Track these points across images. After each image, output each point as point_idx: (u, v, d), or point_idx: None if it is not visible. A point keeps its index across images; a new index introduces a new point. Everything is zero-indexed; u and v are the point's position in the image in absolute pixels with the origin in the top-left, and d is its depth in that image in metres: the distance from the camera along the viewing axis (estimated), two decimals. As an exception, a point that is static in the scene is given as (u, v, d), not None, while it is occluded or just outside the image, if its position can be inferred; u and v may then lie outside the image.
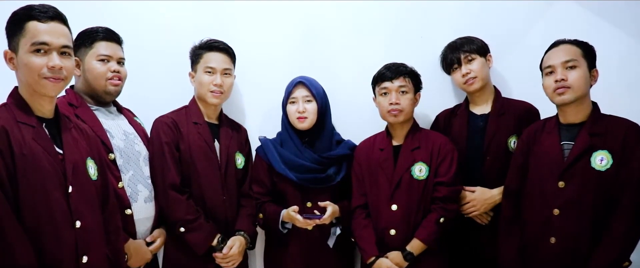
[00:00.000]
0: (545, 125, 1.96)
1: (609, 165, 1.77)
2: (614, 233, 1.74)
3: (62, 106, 1.75)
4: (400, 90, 2.12)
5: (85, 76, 1.95)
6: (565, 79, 1.82)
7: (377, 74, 2.19)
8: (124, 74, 2.01)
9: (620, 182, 1.76)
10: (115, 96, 2.02)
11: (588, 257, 1.77)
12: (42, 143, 1.44)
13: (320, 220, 2.08)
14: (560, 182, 1.82)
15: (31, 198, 1.38)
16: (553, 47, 1.91)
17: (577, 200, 1.79)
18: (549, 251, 1.83)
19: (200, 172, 2.10)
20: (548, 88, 1.88)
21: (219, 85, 2.14)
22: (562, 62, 1.84)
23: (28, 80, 1.45)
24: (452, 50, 2.25)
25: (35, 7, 1.46)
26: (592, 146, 1.79)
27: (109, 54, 1.95)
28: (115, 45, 1.99)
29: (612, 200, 1.77)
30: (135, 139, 2.04)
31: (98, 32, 1.96)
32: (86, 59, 1.94)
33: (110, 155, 1.88)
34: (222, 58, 2.17)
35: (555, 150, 1.86)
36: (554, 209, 1.82)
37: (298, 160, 2.16)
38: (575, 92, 1.82)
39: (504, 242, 1.99)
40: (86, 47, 1.94)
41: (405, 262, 2.06)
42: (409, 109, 2.14)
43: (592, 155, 1.79)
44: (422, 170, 2.10)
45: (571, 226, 1.80)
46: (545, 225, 1.84)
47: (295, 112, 2.17)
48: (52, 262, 1.41)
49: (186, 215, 2.02)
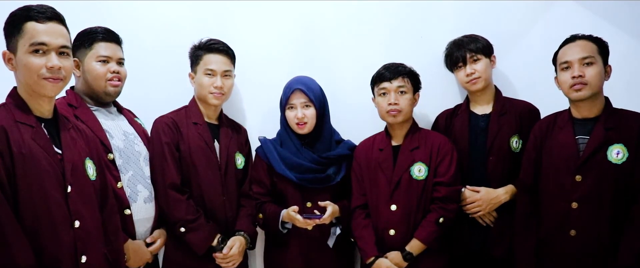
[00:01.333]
0: (557, 119, 1.98)
1: (624, 158, 1.80)
2: (636, 225, 1.77)
3: (62, 107, 1.75)
4: (399, 91, 2.12)
5: (84, 77, 1.94)
6: (583, 75, 1.84)
7: (376, 74, 2.18)
8: (124, 74, 2.01)
9: (637, 175, 1.80)
10: (115, 97, 2.02)
11: (609, 247, 1.80)
12: (41, 143, 1.44)
13: (320, 220, 2.08)
14: (577, 176, 1.85)
15: (30, 198, 1.38)
16: (569, 42, 1.93)
17: (595, 194, 1.82)
18: (569, 244, 1.86)
19: (200, 172, 2.10)
20: (564, 83, 1.90)
21: (220, 87, 2.14)
22: (579, 59, 1.86)
23: (27, 81, 1.45)
24: (457, 47, 2.24)
25: (33, 8, 1.46)
26: (608, 140, 1.83)
27: (108, 55, 1.95)
28: (115, 46, 1.99)
29: (629, 192, 1.80)
30: (135, 139, 2.04)
31: (97, 32, 1.95)
32: (86, 60, 1.93)
33: (109, 155, 1.88)
34: (222, 59, 2.17)
35: (570, 144, 1.89)
36: (572, 203, 1.85)
37: (298, 160, 2.16)
38: (592, 89, 1.85)
39: (521, 237, 2.00)
40: (85, 48, 1.93)
41: (405, 262, 2.06)
42: (408, 109, 2.13)
43: (608, 149, 1.83)
44: (421, 170, 2.10)
45: (591, 218, 1.83)
46: (564, 218, 1.88)
47: (294, 119, 2.17)
48: (51, 261, 1.41)
49: (186, 215, 2.02)
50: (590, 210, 1.83)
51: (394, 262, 2.05)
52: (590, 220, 1.83)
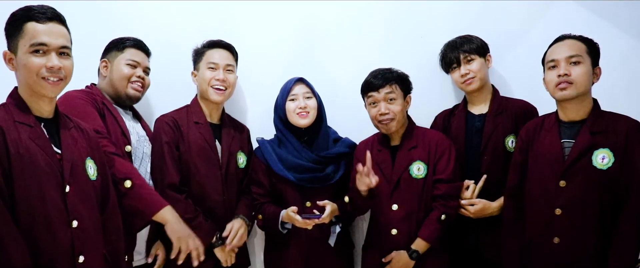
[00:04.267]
0: (544, 122, 1.94)
1: (610, 163, 1.75)
2: (625, 235, 1.72)
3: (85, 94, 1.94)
4: (388, 98, 2.10)
5: (110, 77, 2.06)
6: (569, 74, 1.79)
7: (364, 82, 2.16)
8: (148, 83, 2.13)
9: (624, 181, 1.74)
10: (135, 101, 2.12)
11: (594, 256, 1.75)
12: (39, 142, 1.44)
13: (320, 220, 2.08)
14: (562, 181, 1.80)
15: (27, 197, 1.38)
16: (557, 41, 1.88)
17: (579, 200, 1.77)
18: (553, 251, 1.82)
19: (201, 172, 2.11)
20: (550, 82, 1.85)
21: (222, 80, 2.15)
22: (566, 57, 1.81)
23: (27, 81, 1.46)
24: (451, 49, 2.24)
25: (33, 8, 1.47)
26: (594, 144, 1.77)
27: (137, 61, 2.08)
28: (144, 55, 2.13)
29: (615, 199, 1.75)
30: (145, 142, 2.10)
31: (131, 40, 2.10)
32: (116, 61, 2.06)
33: (126, 147, 1.96)
34: (225, 54, 2.20)
35: (556, 148, 1.84)
36: (555, 209, 1.81)
37: (296, 160, 2.16)
38: (577, 88, 1.79)
39: (507, 243, 1.98)
40: (118, 50, 2.07)
41: (412, 260, 2.05)
42: (400, 116, 2.11)
43: (593, 154, 1.77)
44: (420, 169, 2.10)
45: (575, 225, 1.78)
46: (548, 224, 1.83)
47: (296, 109, 2.16)
48: (48, 261, 1.41)
49: (185, 215, 2.01)
50: (574, 217, 1.78)
51: (402, 262, 2.05)
52: (574, 228, 1.78)
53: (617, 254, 1.72)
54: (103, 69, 2.07)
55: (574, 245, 1.79)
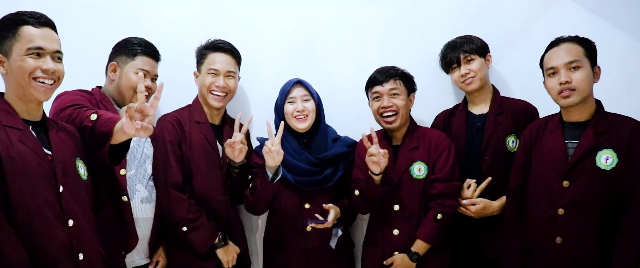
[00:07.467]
0: (548, 123, 1.94)
1: (614, 164, 1.75)
2: (629, 235, 1.72)
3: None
4: (392, 93, 2.11)
5: (119, 82, 2.04)
6: (570, 80, 1.79)
7: (369, 78, 2.18)
8: (153, 90, 2.08)
9: (627, 182, 1.74)
10: None
11: (596, 256, 1.75)
12: (30, 145, 1.44)
13: (324, 225, 2.07)
14: (565, 182, 1.80)
15: (22, 199, 1.39)
16: (553, 46, 1.87)
17: (582, 200, 1.77)
18: (555, 251, 1.82)
19: (202, 171, 2.11)
20: (552, 90, 1.85)
21: (222, 86, 2.14)
22: (565, 63, 1.80)
23: (19, 83, 1.46)
24: (451, 49, 2.25)
25: (27, 13, 1.48)
26: (598, 145, 1.78)
27: (147, 70, 2.05)
28: (154, 63, 2.12)
29: (618, 200, 1.75)
30: (146, 143, 2.08)
31: (142, 45, 2.08)
32: (126, 68, 2.04)
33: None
34: (227, 60, 2.18)
35: (559, 149, 1.85)
36: (558, 209, 1.81)
37: (295, 162, 2.15)
38: (580, 94, 1.80)
39: (508, 243, 1.98)
40: (128, 56, 2.05)
41: (413, 262, 2.05)
42: (403, 111, 2.12)
43: (597, 154, 1.77)
44: (421, 169, 2.10)
45: (577, 226, 1.78)
46: (550, 224, 1.83)
47: (294, 111, 2.16)
48: (49, 261, 1.41)
49: (188, 214, 2.03)
50: (576, 217, 1.78)
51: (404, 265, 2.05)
52: (577, 228, 1.78)
53: (620, 255, 1.72)
54: (111, 72, 2.05)
55: (576, 245, 1.79)
